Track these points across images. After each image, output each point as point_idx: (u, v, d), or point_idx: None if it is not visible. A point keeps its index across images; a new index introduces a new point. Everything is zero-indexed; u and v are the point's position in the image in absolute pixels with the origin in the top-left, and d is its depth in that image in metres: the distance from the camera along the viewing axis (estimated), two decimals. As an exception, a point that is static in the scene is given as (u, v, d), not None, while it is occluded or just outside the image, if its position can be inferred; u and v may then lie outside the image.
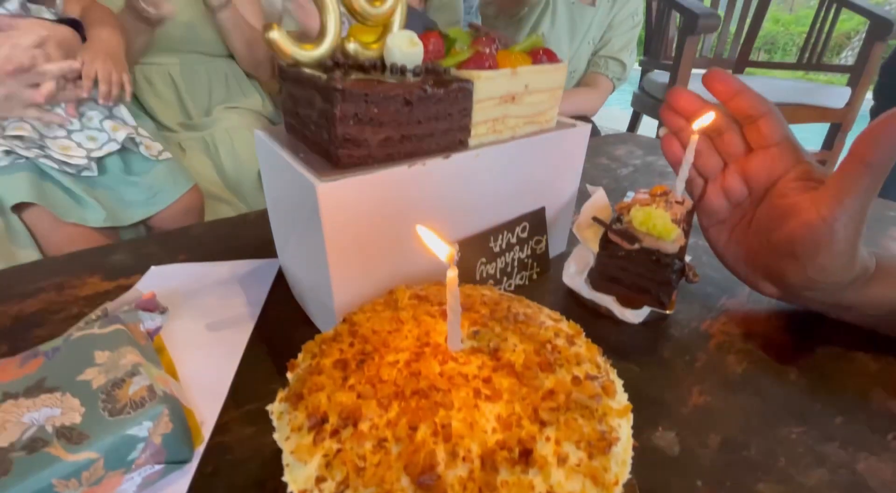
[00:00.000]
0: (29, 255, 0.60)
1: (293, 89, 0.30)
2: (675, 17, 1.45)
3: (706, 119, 0.32)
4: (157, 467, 0.21)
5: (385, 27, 0.31)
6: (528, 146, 0.35)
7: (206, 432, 0.25)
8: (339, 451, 0.18)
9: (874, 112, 1.19)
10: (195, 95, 0.94)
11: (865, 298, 0.30)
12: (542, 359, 0.22)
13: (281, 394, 0.22)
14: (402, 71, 0.29)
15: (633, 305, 0.31)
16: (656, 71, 1.45)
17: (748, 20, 1.62)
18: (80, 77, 0.64)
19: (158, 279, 0.38)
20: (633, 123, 1.59)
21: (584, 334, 0.25)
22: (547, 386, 0.20)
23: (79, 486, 0.19)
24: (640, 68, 1.51)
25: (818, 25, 1.39)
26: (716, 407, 0.27)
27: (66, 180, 0.64)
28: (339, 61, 0.29)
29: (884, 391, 0.28)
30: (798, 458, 0.24)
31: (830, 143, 1.36)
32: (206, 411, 0.26)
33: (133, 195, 0.71)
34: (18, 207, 0.62)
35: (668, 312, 0.31)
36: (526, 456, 0.17)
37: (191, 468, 0.23)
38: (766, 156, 0.32)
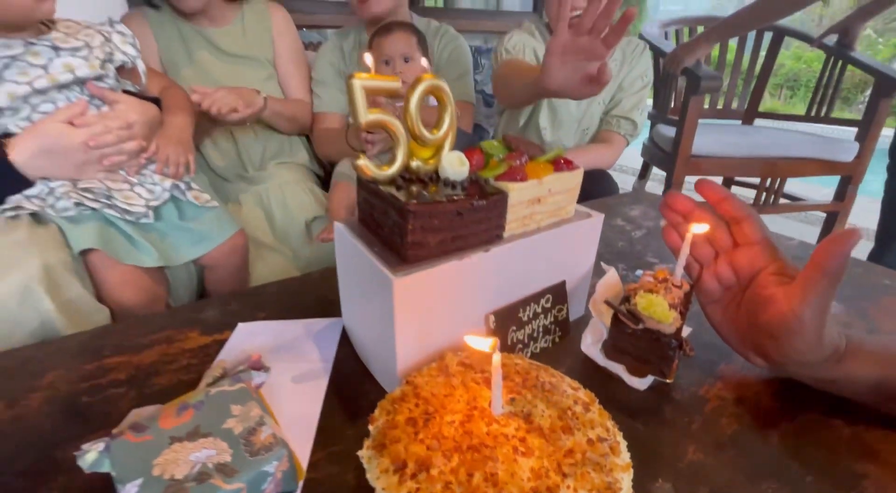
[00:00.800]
0: (79, 290, 0.65)
1: (370, 198, 0.38)
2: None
3: (701, 229, 0.39)
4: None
5: (439, 147, 0.40)
6: (551, 235, 0.42)
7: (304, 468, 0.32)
8: (418, 489, 0.25)
9: (891, 170, 1.22)
10: (251, 150, 1.07)
11: (838, 373, 0.35)
12: (564, 423, 0.29)
13: (367, 443, 0.29)
14: (454, 185, 0.38)
15: (640, 374, 0.38)
16: (663, 124, 1.54)
17: (757, 69, 1.69)
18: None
19: (245, 335, 0.46)
20: (644, 171, 1.67)
21: (597, 401, 0.32)
22: (568, 446, 0.27)
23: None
24: (648, 120, 1.60)
25: (825, 79, 1.47)
26: (707, 464, 0.33)
27: (125, 226, 0.72)
28: (405, 177, 0.38)
29: (851, 455, 0.34)
30: (773, 510, 0.30)
31: (842, 194, 1.40)
32: (299, 451, 0.33)
33: (183, 239, 0.79)
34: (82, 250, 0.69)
35: (668, 380, 0.37)
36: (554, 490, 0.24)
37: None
38: (750, 252, 0.39)
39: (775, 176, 1.34)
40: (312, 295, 0.54)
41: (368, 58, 0.38)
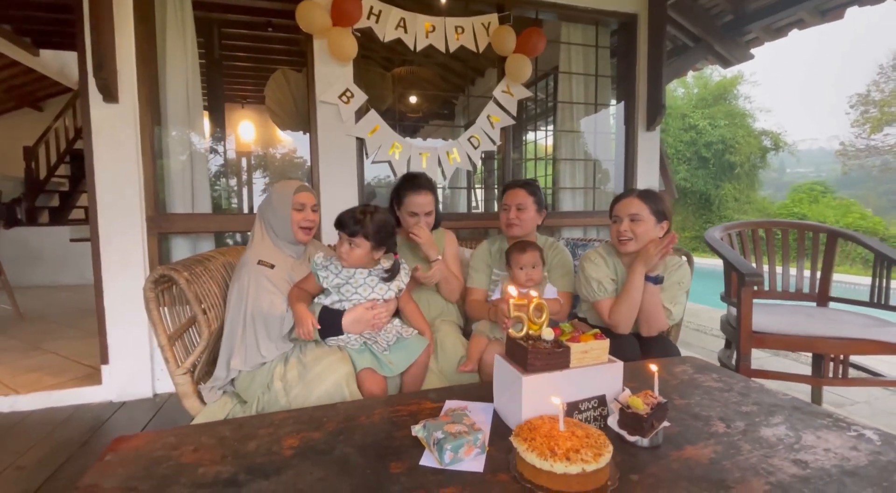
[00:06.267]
0: (356, 387, 1.31)
1: (512, 343, 0.96)
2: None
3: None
4: (477, 450, 0.81)
5: (541, 325, 0.97)
6: (593, 369, 0.93)
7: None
8: (529, 444, 0.76)
9: None
10: (429, 311, 1.76)
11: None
12: (588, 436, 0.77)
13: (513, 435, 0.81)
14: (547, 342, 0.94)
15: (632, 435, 0.83)
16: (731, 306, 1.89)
17: (821, 254, 2.01)
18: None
19: (451, 404, 1.02)
20: (729, 342, 1.97)
21: (605, 435, 0.79)
22: (586, 441, 0.76)
23: (463, 441, 0.79)
24: (723, 302, 1.97)
25: (878, 276, 1.75)
26: (661, 476, 0.76)
27: (377, 352, 1.38)
28: (527, 337, 0.96)
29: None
30: None
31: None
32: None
33: (401, 356, 1.41)
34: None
35: (645, 439, 0.81)
36: (577, 452, 0.73)
37: (483, 457, 0.81)
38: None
39: (837, 352, 1.57)
40: (476, 392, 1.09)
41: (513, 290, 1.00)
